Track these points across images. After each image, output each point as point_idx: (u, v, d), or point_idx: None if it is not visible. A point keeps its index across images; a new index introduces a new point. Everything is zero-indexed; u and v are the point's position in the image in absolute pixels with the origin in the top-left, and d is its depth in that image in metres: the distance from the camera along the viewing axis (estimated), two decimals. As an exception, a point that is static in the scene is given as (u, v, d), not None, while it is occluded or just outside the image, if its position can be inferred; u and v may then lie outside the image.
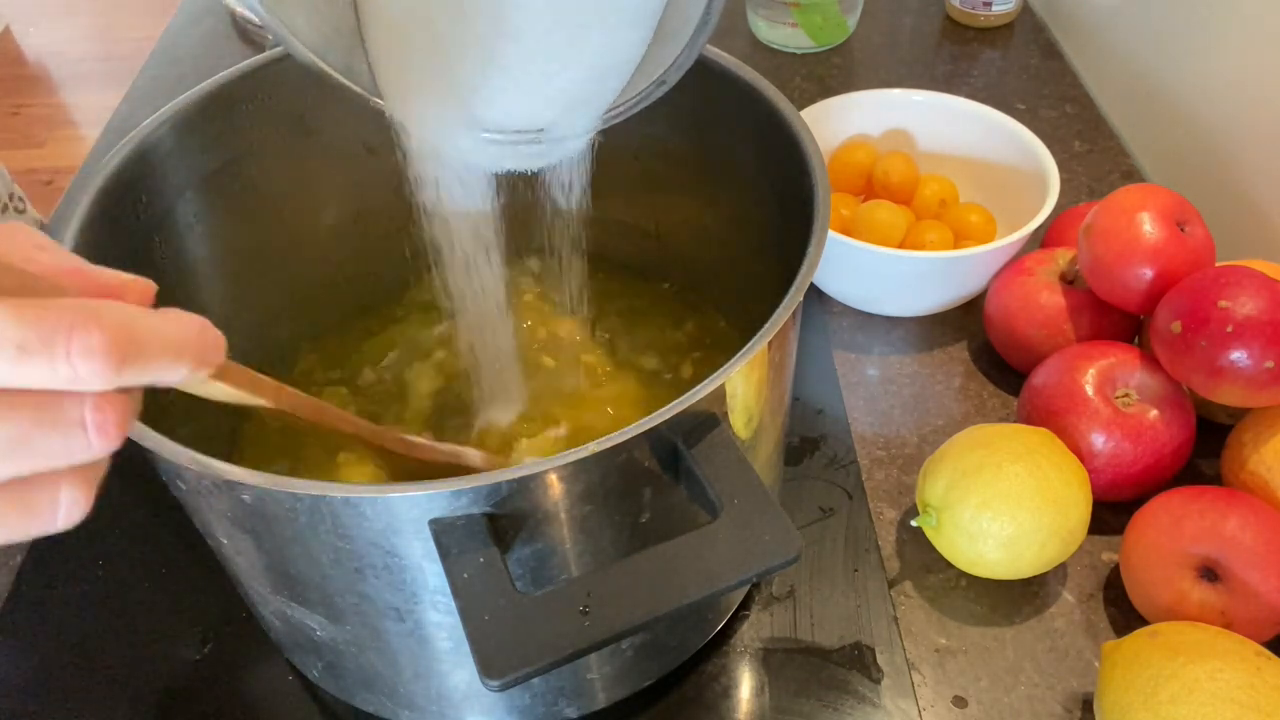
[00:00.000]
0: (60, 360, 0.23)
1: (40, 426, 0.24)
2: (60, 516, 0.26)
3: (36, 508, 0.25)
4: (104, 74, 2.37)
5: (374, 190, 0.57)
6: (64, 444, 0.25)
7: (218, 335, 0.28)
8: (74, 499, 0.26)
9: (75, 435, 0.24)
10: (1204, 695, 0.41)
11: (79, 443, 0.25)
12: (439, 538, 0.34)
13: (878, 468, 0.59)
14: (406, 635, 0.41)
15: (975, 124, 0.70)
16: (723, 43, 0.50)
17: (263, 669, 0.51)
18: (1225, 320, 0.49)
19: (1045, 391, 0.55)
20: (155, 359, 0.25)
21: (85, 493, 0.26)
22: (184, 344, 0.26)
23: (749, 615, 0.52)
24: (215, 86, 0.50)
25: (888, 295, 0.66)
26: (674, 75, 0.40)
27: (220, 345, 0.28)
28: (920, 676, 0.50)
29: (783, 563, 0.33)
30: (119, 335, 0.24)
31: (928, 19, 0.98)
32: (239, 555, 0.41)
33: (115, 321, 0.24)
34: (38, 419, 0.24)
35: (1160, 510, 0.50)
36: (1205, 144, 0.74)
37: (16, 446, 0.24)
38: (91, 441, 0.25)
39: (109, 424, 0.25)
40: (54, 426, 0.24)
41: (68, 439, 0.25)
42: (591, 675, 0.46)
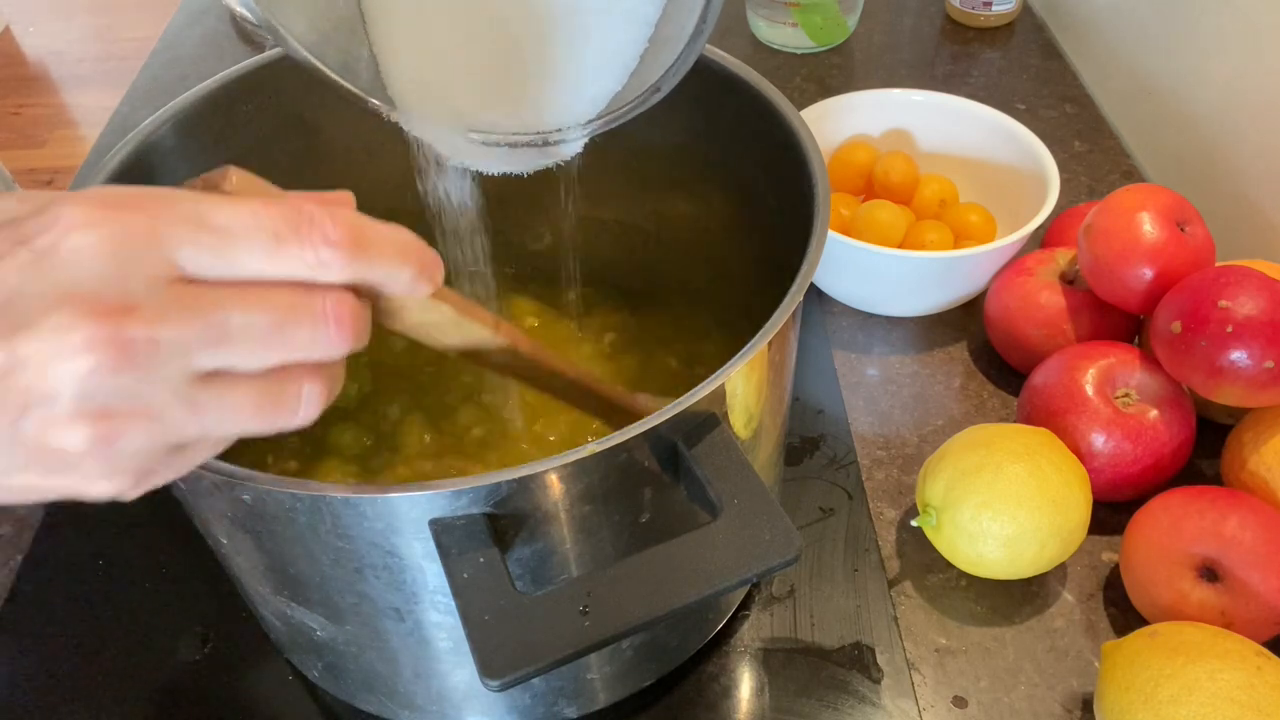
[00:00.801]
0: (309, 246, 0.26)
1: (294, 315, 0.27)
2: (302, 410, 0.28)
3: (285, 399, 0.27)
4: (104, 74, 2.37)
5: (374, 190, 0.57)
6: (311, 336, 0.27)
7: (437, 255, 0.30)
8: (315, 393, 0.28)
9: (321, 328, 0.27)
10: (1204, 695, 0.41)
11: (324, 336, 0.27)
12: (439, 538, 0.34)
13: (878, 468, 0.59)
14: (406, 635, 0.41)
15: (975, 124, 0.70)
16: (723, 43, 0.50)
17: (263, 669, 0.51)
18: (1225, 320, 0.49)
19: (1045, 391, 0.55)
20: (383, 257, 0.28)
21: (323, 391, 0.28)
22: (407, 250, 0.29)
23: (749, 615, 0.52)
24: (215, 86, 0.50)
25: (888, 295, 0.66)
26: (669, 82, 0.41)
27: (440, 264, 0.30)
28: (920, 676, 0.50)
29: (783, 563, 0.33)
30: (352, 229, 0.27)
31: (928, 19, 0.98)
32: (239, 555, 0.41)
33: (345, 217, 0.27)
34: (291, 308, 0.27)
35: (1160, 510, 0.50)
36: (1205, 144, 0.74)
37: (274, 335, 0.26)
38: (333, 334, 0.27)
39: (346, 319, 0.27)
40: (304, 316, 0.27)
41: (314, 331, 0.27)
42: (591, 675, 0.46)
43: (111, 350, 0.24)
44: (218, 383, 0.26)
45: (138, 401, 0.25)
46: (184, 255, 0.25)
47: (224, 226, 0.26)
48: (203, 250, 0.26)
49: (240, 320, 0.26)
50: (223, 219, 0.26)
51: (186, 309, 0.25)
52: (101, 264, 0.25)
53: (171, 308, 0.25)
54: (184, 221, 0.26)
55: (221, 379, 0.27)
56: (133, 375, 0.25)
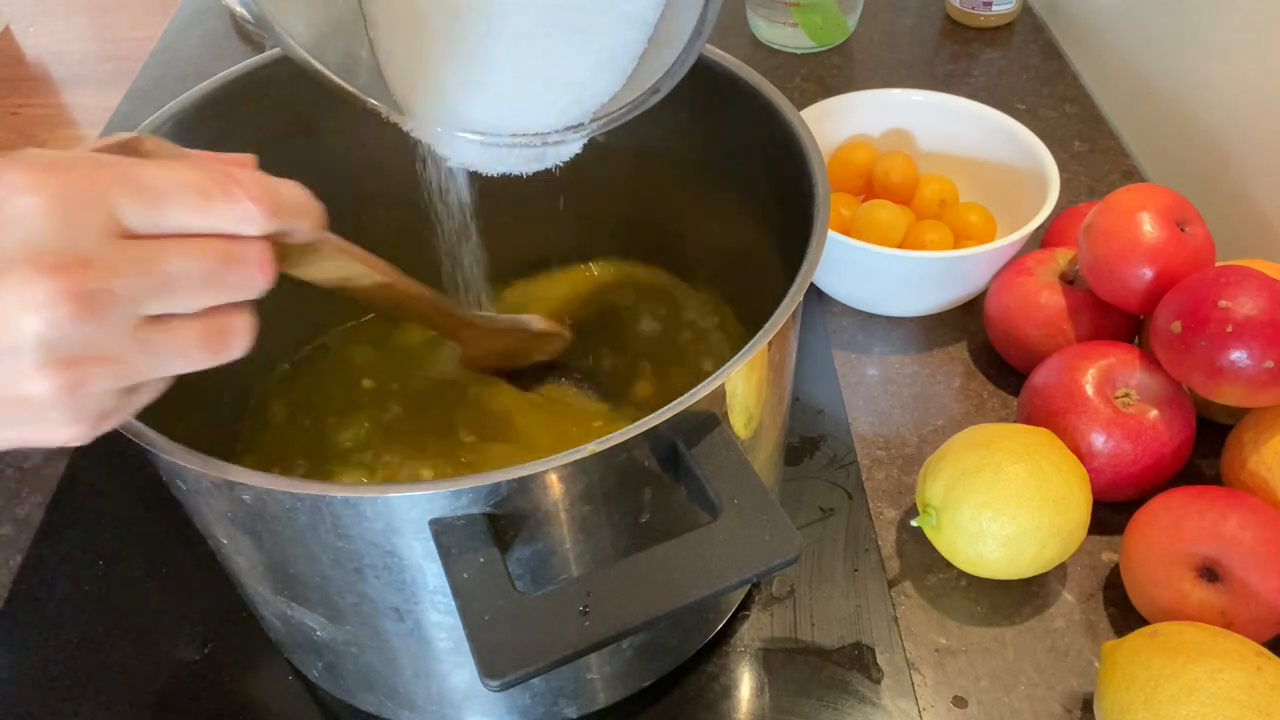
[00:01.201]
0: (234, 203, 0.29)
1: (226, 262, 0.30)
2: (237, 342, 0.31)
3: (224, 334, 0.30)
4: (104, 74, 2.37)
5: (374, 190, 0.57)
6: (241, 278, 0.30)
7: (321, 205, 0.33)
8: (246, 328, 0.31)
9: (249, 271, 0.30)
10: (1204, 695, 0.41)
11: (250, 278, 0.30)
12: (439, 538, 0.34)
13: (878, 468, 0.59)
14: (406, 635, 0.41)
15: (975, 124, 0.70)
16: (723, 43, 0.50)
17: (263, 669, 0.51)
18: (1225, 320, 0.49)
19: (1045, 391, 0.55)
20: (291, 210, 0.32)
21: (252, 324, 0.31)
22: (307, 203, 0.33)
23: (749, 615, 0.52)
24: (215, 86, 0.50)
25: (888, 295, 0.66)
26: (668, 83, 0.40)
27: (323, 211, 0.34)
28: (920, 676, 0.50)
29: (783, 563, 0.33)
30: (267, 188, 0.30)
31: (928, 19, 0.98)
32: (239, 555, 0.41)
33: (262, 179, 0.31)
34: (224, 256, 0.30)
35: (1160, 510, 0.50)
36: (1205, 144, 0.74)
37: (211, 280, 0.29)
38: (256, 276, 0.30)
39: (267, 264, 0.31)
40: (235, 262, 0.30)
41: (244, 274, 0.30)
42: (591, 675, 0.46)
43: (73, 302, 0.26)
44: (165, 325, 0.29)
45: (98, 348, 0.28)
46: (123, 211, 0.28)
47: (156, 186, 0.28)
48: (140, 207, 0.28)
49: (181, 268, 0.29)
50: (154, 178, 0.28)
51: (134, 260, 0.28)
52: (51, 223, 0.27)
53: (121, 260, 0.28)
54: (120, 181, 0.28)
55: (168, 321, 0.29)
56: (93, 324, 0.27)
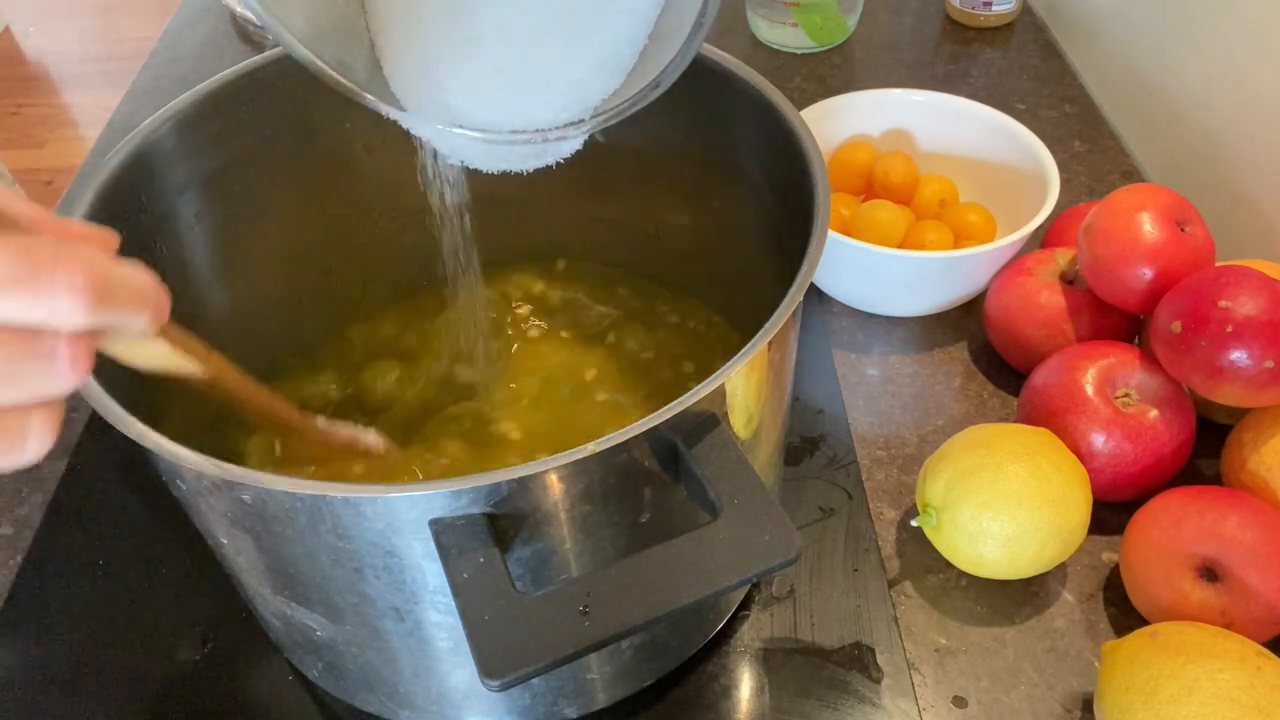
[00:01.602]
0: (44, 295, 0.25)
1: (19, 357, 0.25)
2: (30, 447, 0.27)
3: (12, 436, 0.26)
4: (104, 74, 2.37)
5: (374, 190, 0.58)
6: (38, 375, 0.26)
7: (167, 294, 0.29)
8: (44, 430, 0.27)
9: (50, 367, 0.26)
10: (1204, 695, 0.41)
11: (52, 375, 0.26)
12: (439, 538, 0.34)
13: (878, 468, 0.59)
14: (406, 635, 0.41)
15: (975, 124, 0.70)
16: (723, 43, 0.50)
17: (263, 669, 0.51)
18: (1225, 320, 0.49)
19: (1045, 391, 0.55)
20: (124, 304, 0.27)
21: (53, 425, 0.27)
22: (147, 293, 0.28)
23: (749, 615, 0.52)
24: (215, 86, 0.50)
25: (888, 295, 0.66)
26: (669, 78, 0.40)
27: (167, 302, 0.29)
28: (920, 676, 0.50)
29: (783, 563, 0.33)
30: (97, 277, 0.25)
31: (928, 19, 0.98)
32: (239, 555, 0.41)
33: (93, 264, 0.25)
34: (17, 350, 0.25)
35: (1160, 510, 0.50)
36: (1205, 144, 0.74)
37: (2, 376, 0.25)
38: (63, 374, 0.26)
39: (80, 360, 0.26)
40: (30, 358, 0.25)
41: (43, 371, 0.26)
42: (591, 675, 0.46)
43: None
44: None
45: None
46: None
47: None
48: None
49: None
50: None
51: None
52: None
53: None
54: None
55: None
56: None
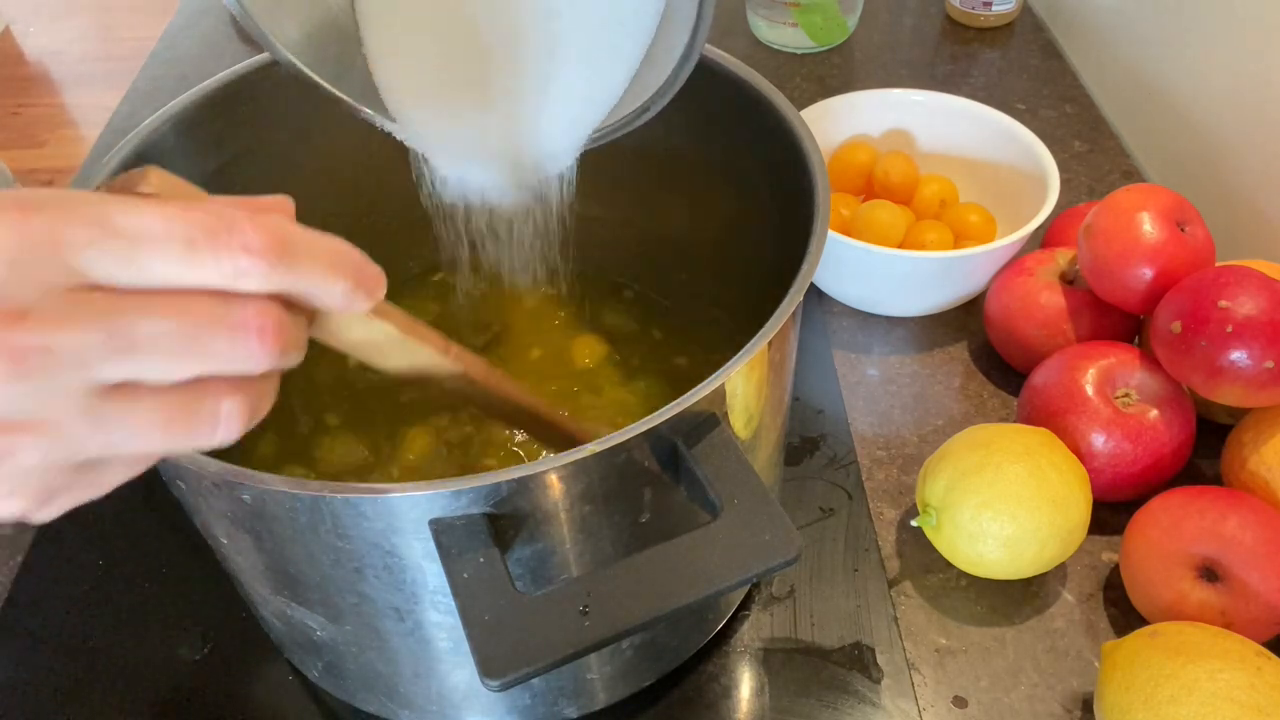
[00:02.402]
0: (225, 253, 0.24)
1: (210, 325, 0.25)
2: (220, 429, 0.26)
3: (199, 417, 0.25)
4: (104, 74, 2.37)
5: (374, 190, 0.57)
6: (230, 346, 0.25)
7: (378, 269, 0.28)
8: (234, 411, 0.26)
9: (241, 338, 0.25)
10: (1204, 695, 0.41)
11: (244, 347, 0.25)
12: (439, 538, 0.34)
13: (878, 468, 0.59)
14: (406, 635, 0.41)
15: (975, 124, 0.70)
16: (723, 43, 0.50)
17: (263, 669, 0.51)
18: (1225, 320, 0.49)
19: (1045, 391, 0.55)
20: (312, 268, 0.26)
21: (245, 409, 0.26)
22: (341, 262, 0.27)
23: (749, 615, 0.52)
24: (215, 86, 0.50)
25: (888, 295, 0.66)
26: (658, 103, 0.41)
27: (381, 279, 0.28)
28: (920, 676, 0.50)
29: (783, 563, 0.33)
30: (274, 236, 0.25)
31: (928, 19, 0.98)
32: (239, 555, 0.41)
33: (271, 224, 0.25)
34: (208, 317, 0.24)
35: (1160, 510, 0.50)
36: (1205, 144, 0.74)
37: (187, 345, 0.24)
38: (254, 348, 0.25)
39: (269, 331, 0.25)
40: (222, 326, 0.25)
41: (234, 342, 0.25)
42: (591, 675, 0.46)
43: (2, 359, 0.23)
44: (124, 395, 0.25)
45: (33, 414, 0.24)
46: (88, 260, 0.24)
47: (131, 230, 0.24)
48: (107, 255, 0.24)
49: (148, 328, 0.24)
50: (131, 222, 0.24)
51: (86, 315, 0.24)
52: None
53: (69, 314, 0.23)
54: (88, 224, 0.24)
55: (129, 391, 0.25)
56: (26, 386, 0.23)
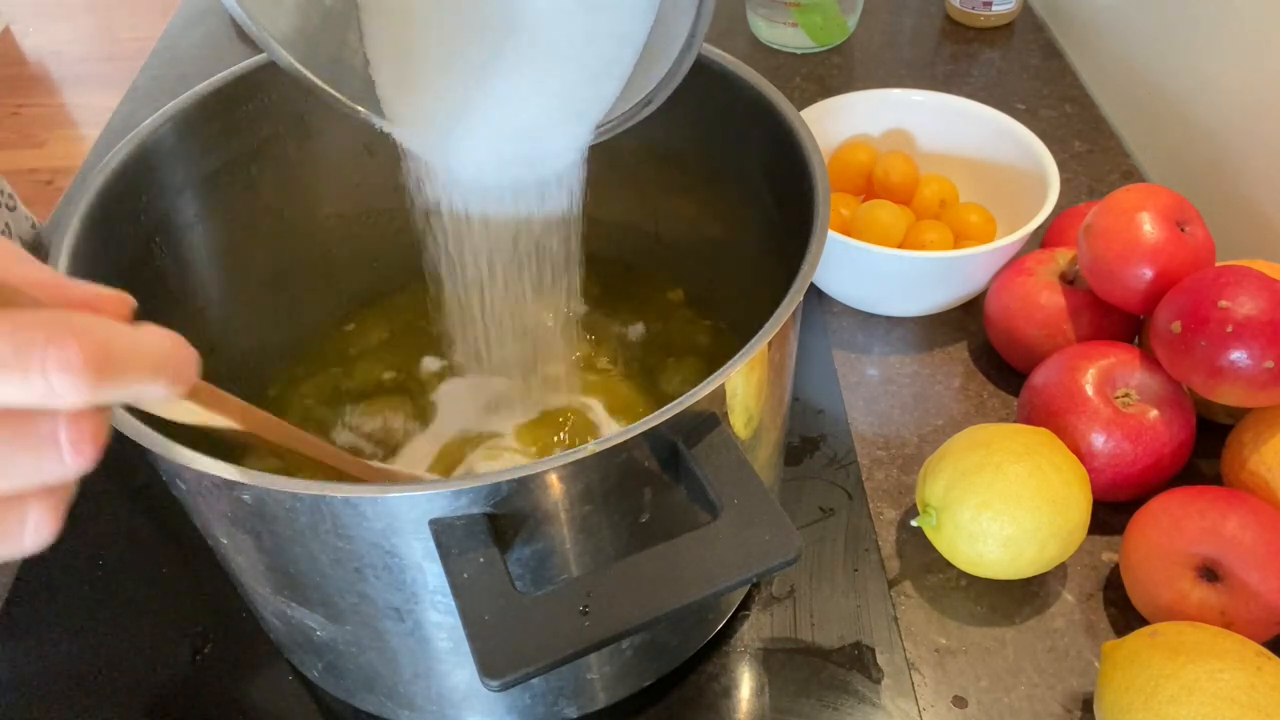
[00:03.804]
0: (35, 375, 0.22)
1: (11, 443, 0.23)
2: (27, 538, 0.25)
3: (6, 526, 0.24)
4: (104, 74, 2.37)
5: (374, 190, 0.58)
6: (35, 462, 0.23)
7: (192, 352, 0.26)
8: (41, 520, 0.25)
9: (48, 454, 0.23)
10: (1204, 695, 0.41)
11: (51, 461, 0.24)
12: (439, 538, 0.34)
13: (878, 468, 0.59)
14: (406, 635, 0.41)
15: (975, 124, 0.70)
16: (723, 43, 0.50)
17: (263, 669, 0.51)
18: (1225, 320, 0.49)
19: (1045, 391, 0.55)
20: (133, 375, 0.24)
21: (53, 514, 0.25)
22: (162, 360, 0.25)
23: (749, 615, 0.52)
24: (215, 86, 0.50)
25: (888, 295, 0.66)
26: (661, 95, 0.41)
27: (194, 362, 0.27)
28: (920, 676, 0.50)
29: (783, 563, 0.33)
30: (96, 350, 0.23)
31: (928, 19, 0.98)
32: (239, 555, 0.41)
33: (92, 336, 0.23)
34: (8, 436, 0.23)
35: (1160, 510, 0.50)
36: (1205, 144, 0.74)
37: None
38: (65, 460, 0.24)
39: (84, 442, 0.24)
40: (25, 444, 0.23)
41: (39, 458, 0.23)
42: (591, 675, 0.46)
43: None
44: None
45: None
46: None
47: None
48: None
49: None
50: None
51: None
52: None
53: None
54: None
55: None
56: None
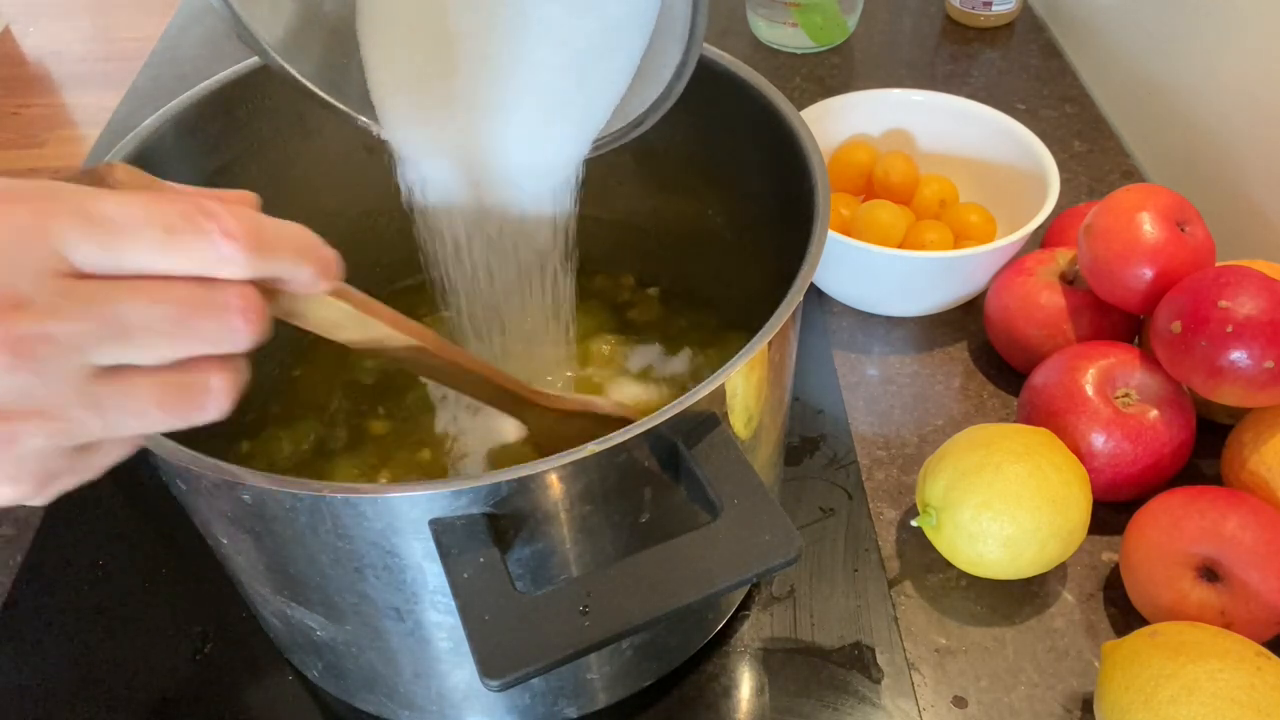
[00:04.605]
0: (205, 240, 0.25)
1: (197, 309, 0.26)
2: (211, 404, 0.27)
3: (191, 393, 0.27)
4: (104, 74, 2.37)
5: (374, 190, 0.57)
6: (217, 327, 0.26)
7: (334, 252, 0.29)
8: (224, 386, 0.27)
9: (227, 319, 0.26)
10: (1204, 695, 0.41)
11: (230, 327, 0.26)
12: (439, 538, 0.34)
13: (878, 468, 0.59)
14: (406, 635, 0.41)
15: (975, 124, 0.70)
16: (723, 43, 0.51)
17: (263, 669, 0.51)
18: (1225, 320, 0.49)
19: (1045, 391, 0.55)
20: (283, 252, 0.27)
21: (232, 383, 0.27)
22: (306, 247, 0.28)
23: (749, 615, 0.52)
24: (215, 86, 0.50)
25: (888, 295, 0.66)
26: (652, 117, 0.41)
27: (337, 262, 0.29)
28: (920, 676, 0.50)
29: (783, 563, 0.33)
30: (250, 225, 0.26)
31: (928, 19, 0.98)
32: (239, 555, 0.41)
33: (245, 214, 0.26)
34: (194, 301, 0.26)
35: (1160, 510, 0.50)
36: (1205, 144, 0.74)
37: (177, 328, 0.26)
38: (238, 326, 0.26)
39: (253, 311, 0.27)
40: (209, 309, 0.26)
41: (220, 322, 0.26)
42: (591, 675, 0.46)
43: (4, 349, 0.23)
44: (119, 378, 0.26)
45: (35, 401, 0.24)
46: (72, 248, 0.24)
47: (113, 219, 0.25)
48: (91, 243, 0.25)
49: (138, 314, 0.25)
50: (113, 210, 0.25)
51: (79, 303, 0.24)
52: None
53: (63, 302, 0.24)
54: (70, 214, 0.24)
55: (123, 374, 0.26)
56: (28, 374, 0.24)
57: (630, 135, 0.42)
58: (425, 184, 0.46)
